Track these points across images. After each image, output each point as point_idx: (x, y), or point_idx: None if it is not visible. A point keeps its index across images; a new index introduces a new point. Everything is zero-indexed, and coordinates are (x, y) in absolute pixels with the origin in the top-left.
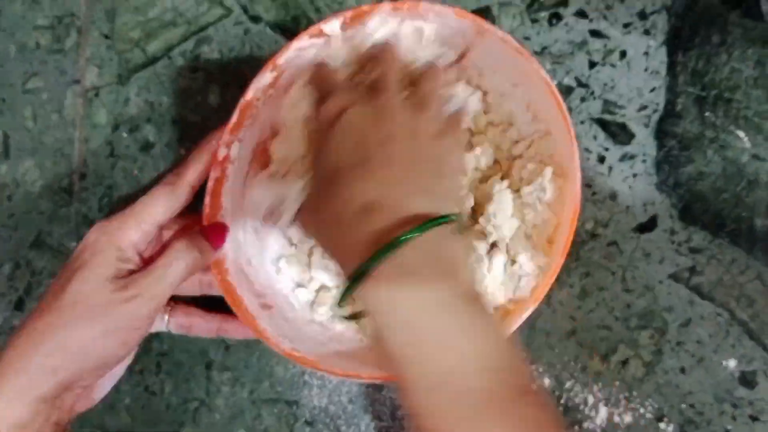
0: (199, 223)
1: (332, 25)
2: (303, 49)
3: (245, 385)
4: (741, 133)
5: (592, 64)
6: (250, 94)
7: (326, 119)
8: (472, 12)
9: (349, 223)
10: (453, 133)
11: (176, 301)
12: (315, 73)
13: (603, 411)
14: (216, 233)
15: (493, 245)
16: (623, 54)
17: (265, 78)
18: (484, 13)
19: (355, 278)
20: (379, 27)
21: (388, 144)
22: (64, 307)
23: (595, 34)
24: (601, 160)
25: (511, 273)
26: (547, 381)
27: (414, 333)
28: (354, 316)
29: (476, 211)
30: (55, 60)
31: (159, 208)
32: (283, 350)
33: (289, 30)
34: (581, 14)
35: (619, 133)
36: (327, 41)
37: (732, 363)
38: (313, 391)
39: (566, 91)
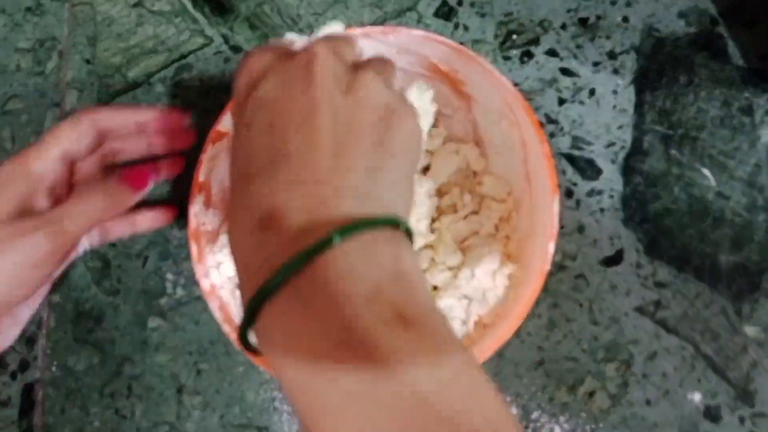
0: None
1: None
2: None
3: (216, 409)
4: (706, 171)
5: (562, 101)
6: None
7: (241, 90)
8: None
9: (248, 238)
10: (401, 107)
11: None
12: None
13: None
14: (139, 178)
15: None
16: (592, 92)
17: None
18: None
19: (246, 315)
20: None
21: (304, 126)
22: None
23: (566, 72)
24: (569, 194)
25: (474, 287)
26: (514, 410)
27: (311, 385)
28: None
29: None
30: (35, 83)
31: (64, 139)
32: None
33: None
34: (552, 53)
35: (587, 168)
36: None
37: (697, 397)
38: (284, 417)
39: None
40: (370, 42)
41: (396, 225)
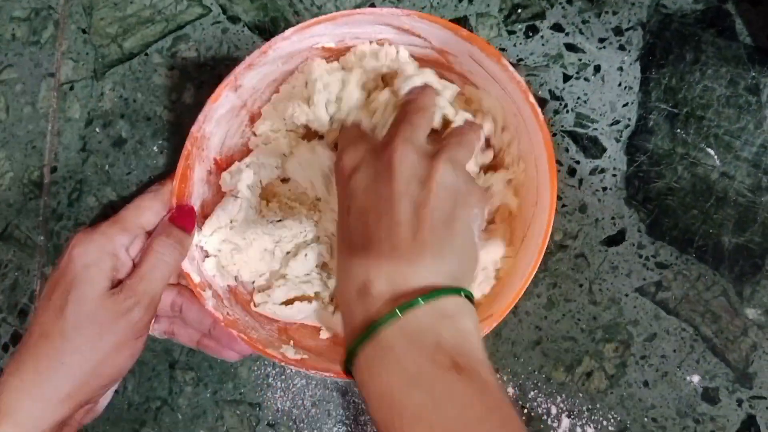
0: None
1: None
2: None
3: (208, 385)
4: (711, 151)
5: (567, 78)
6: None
7: (341, 177)
8: (450, 22)
9: (350, 302)
10: (470, 191)
11: None
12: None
13: (565, 422)
14: (185, 216)
15: None
16: (598, 68)
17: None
18: (461, 22)
19: (346, 362)
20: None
21: (388, 211)
22: (68, 331)
23: (571, 47)
24: (572, 172)
25: None
26: (510, 390)
27: (390, 408)
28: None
29: None
30: (30, 52)
31: (145, 211)
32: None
33: (267, 31)
34: (558, 28)
35: (591, 146)
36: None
37: (695, 378)
38: (277, 394)
39: (540, 104)
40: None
41: (459, 292)
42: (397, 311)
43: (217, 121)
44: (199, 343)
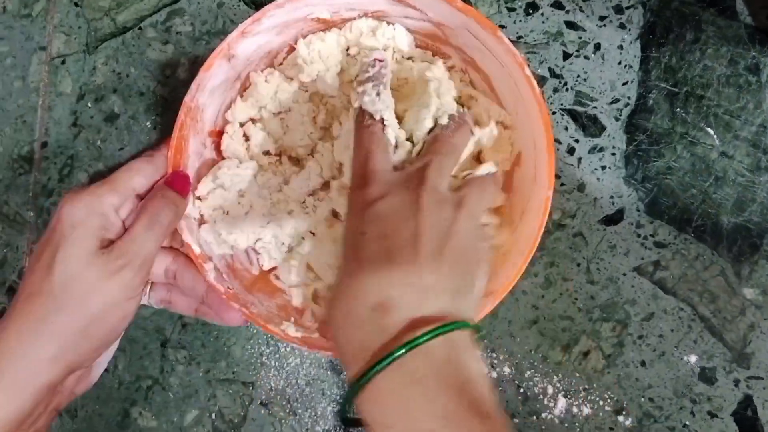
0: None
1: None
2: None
3: (201, 364)
4: (710, 131)
5: (567, 56)
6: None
7: (359, 203)
8: None
9: (360, 321)
10: (482, 243)
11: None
12: (358, 126)
13: (562, 402)
14: (180, 181)
15: None
16: (598, 47)
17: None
18: None
19: (355, 385)
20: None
21: (412, 244)
22: (54, 289)
23: (571, 25)
24: (571, 151)
25: None
26: (507, 370)
27: None
28: (356, 422)
29: None
30: (21, 25)
31: (136, 174)
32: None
33: (264, 5)
34: (558, 5)
35: (590, 125)
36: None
37: (693, 358)
38: (271, 373)
39: (540, 82)
40: None
41: (476, 328)
42: (423, 336)
43: (211, 92)
44: (198, 310)
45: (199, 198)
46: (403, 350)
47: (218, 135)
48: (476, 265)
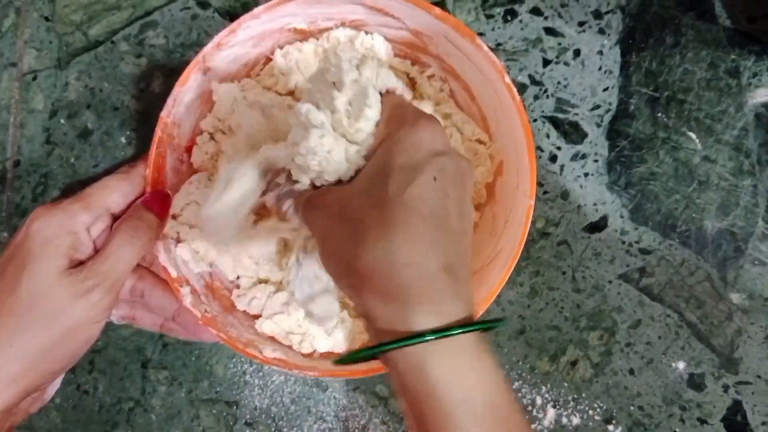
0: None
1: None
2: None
3: (183, 384)
4: (692, 135)
5: (546, 62)
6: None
7: (412, 155)
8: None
9: (428, 277)
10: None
11: None
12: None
13: (551, 412)
14: (160, 201)
15: None
16: (577, 53)
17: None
18: (439, 7)
19: (392, 343)
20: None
21: (463, 212)
22: (19, 308)
23: (550, 31)
24: (553, 158)
25: None
26: None
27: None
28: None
29: None
30: None
31: (111, 192)
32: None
33: (239, 16)
34: (536, 11)
35: (572, 132)
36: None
37: (681, 365)
38: (255, 392)
39: (520, 89)
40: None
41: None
42: (480, 326)
43: (187, 107)
44: (163, 327)
45: (173, 216)
46: (452, 333)
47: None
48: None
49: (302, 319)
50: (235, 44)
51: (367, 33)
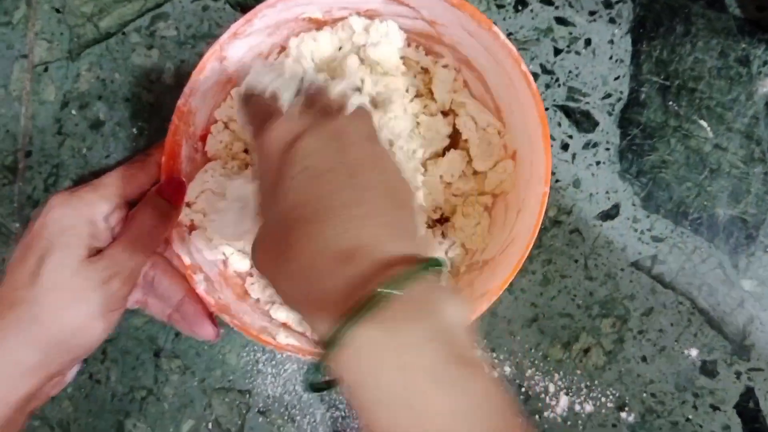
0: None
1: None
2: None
3: (196, 373)
4: (704, 123)
5: (557, 51)
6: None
7: (274, 150)
8: None
9: (320, 274)
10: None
11: None
12: (246, 103)
13: (564, 400)
14: (175, 189)
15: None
16: (588, 42)
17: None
18: None
19: (330, 344)
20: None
21: (356, 175)
22: (41, 296)
23: (561, 21)
24: (565, 147)
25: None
26: (507, 369)
27: (407, 412)
28: (327, 385)
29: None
30: (1, 33)
31: (129, 182)
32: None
33: (250, 8)
34: (547, 1)
35: (583, 120)
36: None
37: (693, 352)
38: (267, 380)
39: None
40: None
41: (440, 266)
42: (411, 275)
43: (203, 95)
44: (170, 317)
45: (188, 204)
46: (381, 298)
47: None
48: (407, 195)
49: None
50: (251, 33)
51: (381, 21)
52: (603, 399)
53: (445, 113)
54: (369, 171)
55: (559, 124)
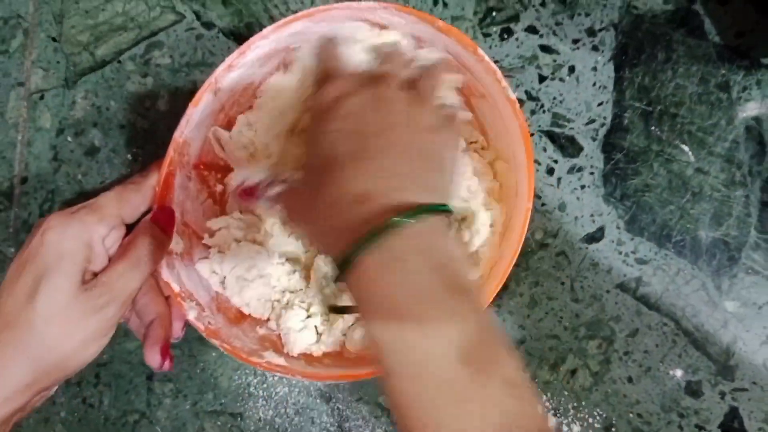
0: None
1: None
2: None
3: (188, 396)
4: (685, 147)
5: (542, 78)
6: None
7: (323, 104)
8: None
9: (339, 211)
10: (449, 130)
11: None
12: (323, 48)
13: (552, 421)
14: (166, 217)
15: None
16: (572, 69)
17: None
18: None
19: (343, 265)
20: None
21: (384, 134)
22: (36, 321)
23: (545, 49)
24: (550, 171)
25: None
26: None
27: (398, 323)
28: (343, 310)
29: None
30: None
31: (126, 204)
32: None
33: (243, 36)
34: (532, 30)
35: (568, 145)
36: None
37: (678, 373)
38: (259, 403)
39: None
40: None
41: (449, 211)
42: (415, 214)
43: (197, 126)
44: (143, 335)
45: (209, 234)
46: (388, 229)
47: (204, 167)
48: (446, 152)
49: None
50: (243, 65)
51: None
52: (590, 420)
53: None
54: (399, 132)
55: (545, 149)
